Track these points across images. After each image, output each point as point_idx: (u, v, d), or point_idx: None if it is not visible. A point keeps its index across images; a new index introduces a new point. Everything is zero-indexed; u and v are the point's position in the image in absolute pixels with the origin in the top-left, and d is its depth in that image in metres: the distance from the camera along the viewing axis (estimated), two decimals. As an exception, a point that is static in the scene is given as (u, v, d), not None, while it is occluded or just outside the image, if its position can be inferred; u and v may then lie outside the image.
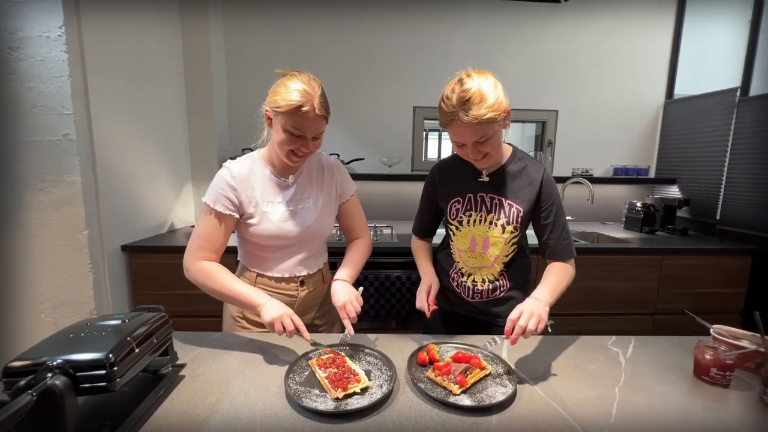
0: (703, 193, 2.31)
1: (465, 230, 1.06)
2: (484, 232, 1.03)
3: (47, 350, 0.60)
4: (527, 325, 0.81)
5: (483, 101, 0.85)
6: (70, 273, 1.54)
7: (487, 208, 1.03)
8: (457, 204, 1.07)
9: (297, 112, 0.88)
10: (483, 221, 1.04)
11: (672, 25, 2.54)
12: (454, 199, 1.07)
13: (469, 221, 1.05)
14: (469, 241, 1.06)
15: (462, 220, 1.06)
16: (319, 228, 1.06)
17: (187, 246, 0.99)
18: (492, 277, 1.07)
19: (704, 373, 0.82)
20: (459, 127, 0.89)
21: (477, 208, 1.04)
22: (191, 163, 2.33)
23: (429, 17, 2.48)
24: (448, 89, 0.89)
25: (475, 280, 1.08)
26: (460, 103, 0.86)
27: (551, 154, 2.64)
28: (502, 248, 1.03)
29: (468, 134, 0.89)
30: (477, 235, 1.04)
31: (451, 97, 0.87)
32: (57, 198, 1.48)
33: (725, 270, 1.95)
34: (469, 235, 1.05)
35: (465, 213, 1.05)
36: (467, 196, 1.05)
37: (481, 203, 1.04)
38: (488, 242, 1.03)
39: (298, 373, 0.82)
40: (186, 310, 1.80)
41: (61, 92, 1.42)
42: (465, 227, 1.06)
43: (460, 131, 0.90)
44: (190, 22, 2.19)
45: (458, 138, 0.92)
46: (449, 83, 0.90)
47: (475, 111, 0.85)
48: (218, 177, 0.99)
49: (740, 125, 2.10)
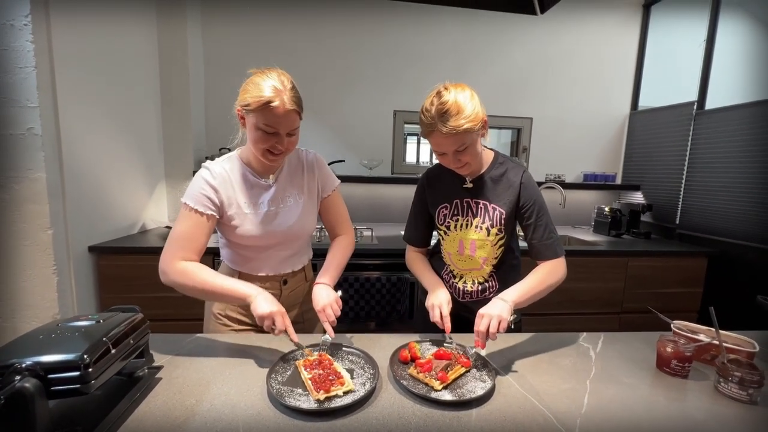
0: (665, 199, 2.46)
1: (453, 234, 1.09)
2: (471, 235, 1.07)
3: (15, 352, 0.57)
4: (488, 330, 0.86)
5: (460, 112, 0.89)
6: (32, 275, 1.45)
7: (472, 212, 1.07)
8: (444, 209, 1.10)
9: (267, 108, 0.86)
10: (469, 225, 1.07)
11: (637, 40, 2.71)
12: (441, 205, 1.10)
13: (456, 226, 1.09)
14: (457, 245, 1.09)
15: (449, 224, 1.09)
16: (301, 227, 1.06)
17: (164, 249, 0.93)
18: (482, 278, 1.10)
19: (666, 364, 0.88)
20: (439, 138, 0.92)
21: (463, 213, 1.08)
22: (165, 163, 2.25)
23: (409, 23, 2.52)
24: (427, 102, 0.93)
25: (465, 281, 1.12)
26: (438, 115, 0.90)
27: (526, 159, 2.74)
28: (490, 250, 1.07)
29: (447, 144, 0.93)
30: (464, 239, 1.08)
31: (431, 109, 0.91)
32: (19, 195, 1.40)
33: (684, 271, 2.08)
34: (457, 239, 1.09)
35: (452, 218, 1.09)
36: (454, 201, 1.09)
37: (466, 208, 1.08)
38: (475, 245, 1.07)
39: (281, 373, 0.81)
40: (158, 313, 1.73)
41: (25, 84, 1.35)
42: (452, 231, 1.09)
43: (439, 141, 0.93)
44: (166, 19, 2.13)
45: (438, 147, 0.96)
46: (428, 96, 0.94)
47: (453, 122, 0.89)
48: (198, 177, 0.97)
49: (697, 136, 2.26)
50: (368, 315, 1.89)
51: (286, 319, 0.87)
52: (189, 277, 0.90)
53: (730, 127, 2.07)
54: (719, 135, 2.14)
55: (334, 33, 2.48)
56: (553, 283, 1.00)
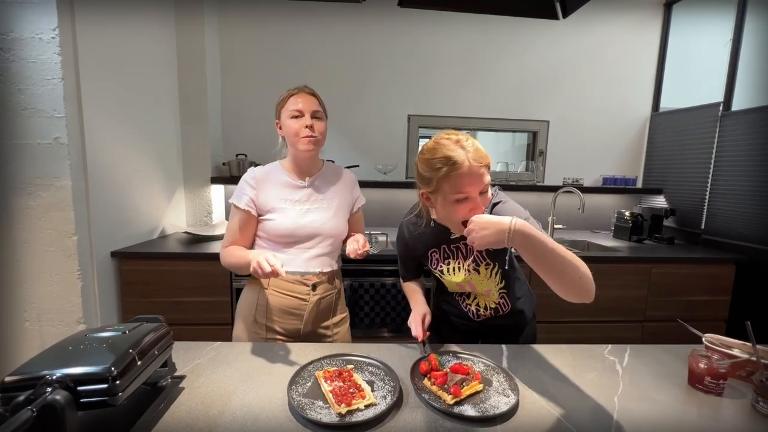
0: (689, 203, 2.38)
1: (449, 277, 1.06)
2: (464, 278, 1.04)
3: (46, 364, 0.59)
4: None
5: (479, 145, 0.87)
6: (57, 280, 1.49)
7: (462, 254, 1.03)
8: (435, 254, 1.06)
9: (291, 96, 1.10)
10: (461, 269, 1.04)
11: (658, 40, 2.64)
12: (431, 250, 1.06)
13: (449, 269, 1.05)
14: (456, 287, 1.08)
15: (443, 269, 1.06)
16: (332, 227, 1.14)
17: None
18: (493, 303, 1.08)
19: (698, 381, 0.84)
20: (467, 176, 0.84)
21: (454, 256, 1.04)
22: (183, 169, 2.30)
23: (423, 26, 2.51)
24: (442, 142, 0.88)
25: (478, 304, 1.10)
26: (464, 148, 0.85)
27: (543, 163, 2.69)
28: (489, 282, 1.04)
29: (478, 182, 0.86)
30: (461, 282, 1.05)
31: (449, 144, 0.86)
32: (46, 202, 1.44)
33: (710, 278, 2.01)
34: (454, 281, 1.06)
35: (444, 262, 1.05)
36: (442, 247, 1.05)
37: (456, 251, 1.04)
38: (474, 284, 1.05)
39: (301, 384, 0.81)
40: (178, 317, 1.76)
41: (53, 95, 1.40)
42: (448, 275, 1.06)
43: (471, 179, 0.85)
44: (185, 28, 2.17)
45: (468, 185, 0.86)
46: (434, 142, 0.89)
47: (479, 152, 0.86)
48: (242, 179, 1.14)
49: (723, 138, 2.18)
50: (383, 321, 1.88)
51: (272, 260, 0.91)
52: (226, 256, 1.09)
53: (759, 129, 1.99)
54: (747, 137, 2.05)
55: (347, 38, 2.49)
56: (578, 265, 0.77)
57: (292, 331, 1.13)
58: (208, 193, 2.33)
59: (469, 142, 0.87)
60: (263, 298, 1.12)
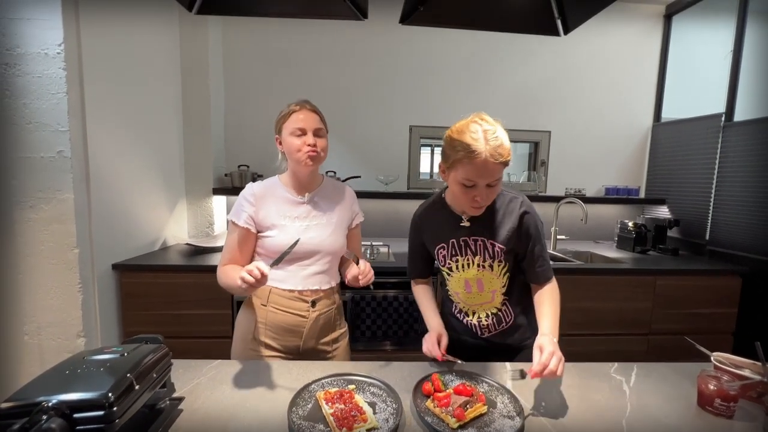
0: (692, 213, 2.36)
1: (456, 275, 1.07)
2: (475, 274, 1.04)
3: (42, 389, 0.58)
4: (556, 370, 0.80)
5: (505, 142, 0.88)
6: (57, 293, 1.49)
7: (472, 251, 1.03)
8: (442, 250, 1.07)
9: (293, 113, 1.08)
10: (471, 265, 1.04)
11: (658, 51, 2.65)
12: (439, 245, 1.07)
13: (458, 266, 1.06)
14: (463, 284, 1.07)
15: (451, 266, 1.06)
16: (331, 243, 1.12)
17: None
18: (495, 309, 1.07)
19: (708, 403, 0.82)
20: (482, 167, 0.87)
21: (462, 253, 1.04)
22: (185, 180, 2.30)
23: (425, 38, 2.53)
24: (472, 126, 0.89)
25: (479, 317, 1.09)
26: (486, 140, 0.87)
27: (545, 173, 2.69)
28: (497, 282, 1.04)
29: (488, 174, 0.88)
30: (469, 278, 1.05)
31: (477, 132, 0.88)
32: (48, 216, 1.45)
33: (716, 290, 1.98)
34: (462, 279, 1.06)
35: (452, 258, 1.06)
36: (450, 241, 1.05)
37: (465, 247, 1.04)
38: (482, 282, 1.04)
39: (301, 405, 0.79)
40: (177, 330, 1.75)
41: (57, 109, 1.41)
42: (456, 272, 1.06)
43: (482, 170, 0.88)
44: (188, 42, 2.20)
45: (478, 177, 0.89)
46: (464, 123, 0.91)
47: (502, 149, 0.87)
48: (240, 195, 1.12)
49: (726, 149, 2.17)
50: (385, 334, 1.86)
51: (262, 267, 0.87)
52: (222, 276, 1.06)
53: (762, 140, 1.99)
54: (750, 147, 2.05)
55: (350, 49, 2.51)
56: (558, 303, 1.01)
57: (292, 348, 1.11)
58: (210, 204, 2.33)
59: (495, 135, 0.88)
60: (262, 315, 1.10)
